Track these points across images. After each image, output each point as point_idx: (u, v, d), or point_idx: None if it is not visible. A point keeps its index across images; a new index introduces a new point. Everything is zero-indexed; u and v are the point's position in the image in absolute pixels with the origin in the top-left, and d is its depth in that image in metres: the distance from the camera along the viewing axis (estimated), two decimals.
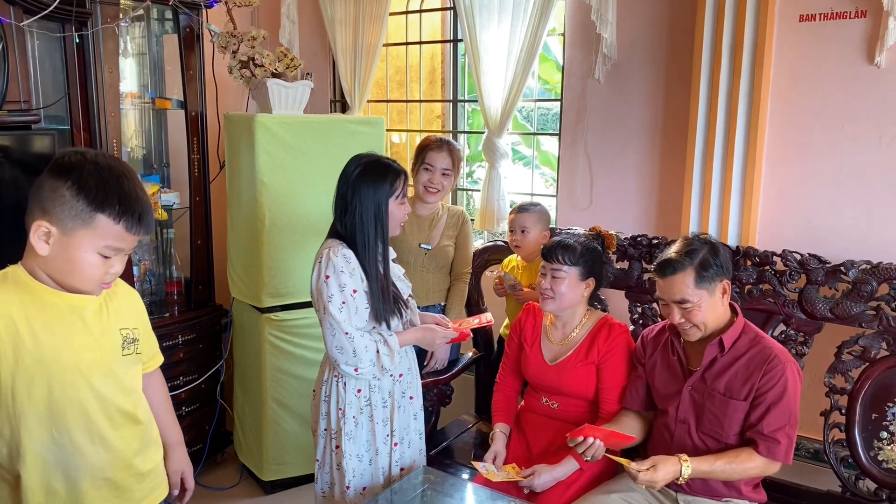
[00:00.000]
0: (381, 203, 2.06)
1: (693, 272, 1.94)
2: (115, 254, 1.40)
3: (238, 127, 3.04)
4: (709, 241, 2.00)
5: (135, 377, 1.57)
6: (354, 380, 2.10)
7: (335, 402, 2.13)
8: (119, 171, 1.38)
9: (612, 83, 2.87)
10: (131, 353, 1.53)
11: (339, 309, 2.00)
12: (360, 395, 2.12)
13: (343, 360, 2.02)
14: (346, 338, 2.00)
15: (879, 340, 2.25)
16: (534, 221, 2.63)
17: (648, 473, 1.86)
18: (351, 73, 3.54)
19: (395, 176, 2.08)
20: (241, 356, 3.27)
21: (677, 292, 1.96)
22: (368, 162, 2.10)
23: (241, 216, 3.10)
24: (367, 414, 2.13)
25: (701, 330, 1.99)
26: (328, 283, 2.01)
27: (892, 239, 2.38)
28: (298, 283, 3.05)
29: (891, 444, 2.23)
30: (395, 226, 2.13)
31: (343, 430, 2.11)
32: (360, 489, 2.15)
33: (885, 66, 2.33)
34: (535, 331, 2.41)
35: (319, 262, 2.06)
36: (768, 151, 2.55)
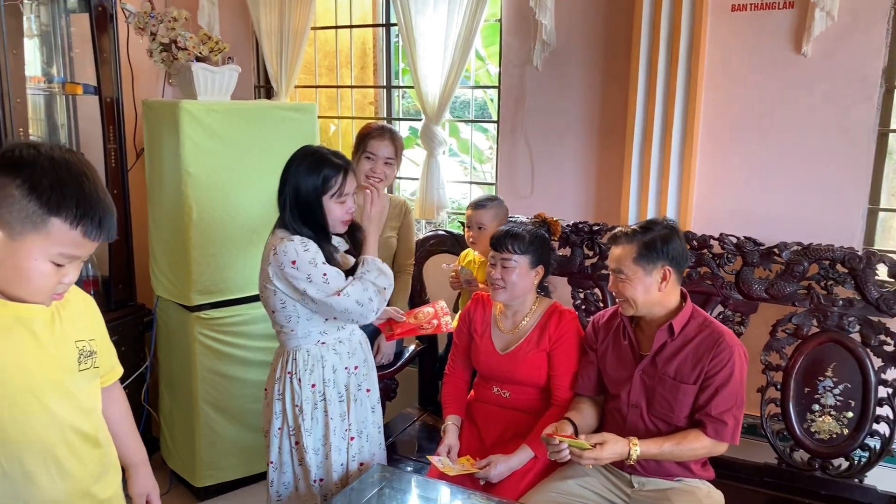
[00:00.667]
0: (311, 201, 1.98)
1: (636, 248, 1.98)
2: (70, 262, 1.24)
3: (159, 114, 2.85)
4: (670, 227, 2.02)
5: (93, 394, 1.42)
6: (310, 374, 2.06)
7: (290, 400, 2.08)
8: (78, 169, 1.22)
9: (551, 70, 2.87)
10: (89, 367, 1.38)
11: (325, 281, 1.94)
12: (315, 390, 2.08)
13: (356, 318, 2.01)
14: (342, 298, 1.95)
15: (811, 318, 2.36)
16: (490, 218, 2.59)
17: (594, 451, 1.88)
18: (277, 58, 3.39)
19: (333, 171, 1.98)
20: (168, 358, 3.09)
21: (615, 261, 2.02)
22: (306, 154, 2.02)
23: (164, 209, 2.91)
24: (322, 409, 2.09)
25: (632, 307, 2.03)
26: (298, 267, 1.93)
27: (821, 221, 2.50)
28: (229, 280, 2.91)
29: (822, 416, 2.34)
30: (336, 224, 2.05)
31: (302, 426, 2.06)
32: (317, 479, 2.12)
33: (812, 56, 2.43)
34: (484, 321, 2.39)
35: (275, 255, 1.96)
36: (702, 138, 2.61)
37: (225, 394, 2.96)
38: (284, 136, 2.95)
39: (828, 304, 2.33)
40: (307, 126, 3.03)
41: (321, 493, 2.13)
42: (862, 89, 2.39)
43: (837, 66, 2.41)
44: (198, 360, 2.89)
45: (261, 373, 3.00)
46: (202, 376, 2.90)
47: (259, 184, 2.90)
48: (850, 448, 2.29)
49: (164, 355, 3.11)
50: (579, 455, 1.89)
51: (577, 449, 1.89)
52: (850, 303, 2.31)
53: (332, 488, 2.11)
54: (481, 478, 2.14)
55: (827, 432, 2.33)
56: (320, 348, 2.08)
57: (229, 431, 2.99)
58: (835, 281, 2.32)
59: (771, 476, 2.40)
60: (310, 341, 2.07)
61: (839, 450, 2.31)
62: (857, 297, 2.30)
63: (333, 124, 4.03)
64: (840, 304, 2.31)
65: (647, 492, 2.06)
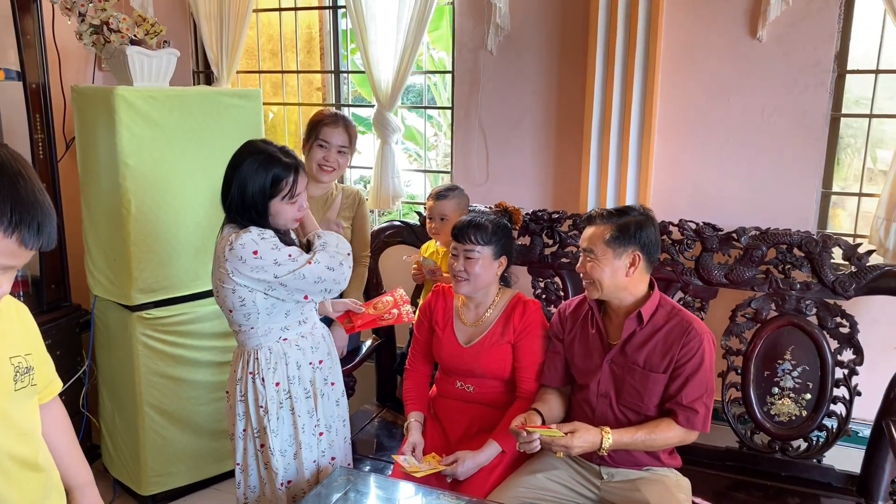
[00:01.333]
0: (258, 202, 1.88)
1: (610, 229, 1.96)
2: (3, 272, 1.10)
3: (91, 101, 2.66)
4: (646, 215, 2.00)
5: (31, 414, 1.28)
6: (273, 373, 1.97)
7: (253, 401, 1.99)
8: (12, 168, 1.07)
9: (506, 55, 2.80)
10: (26, 385, 1.24)
11: (292, 258, 1.87)
12: (280, 389, 2.00)
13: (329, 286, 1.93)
14: (311, 267, 1.88)
15: (769, 302, 2.38)
16: (453, 208, 2.52)
17: (566, 439, 1.85)
18: (217, 41, 3.21)
19: (284, 171, 1.88)
20: (108, 361, 2.91)
21: (588, 240, 2.00)
22: (252, 152, 1.90)
23: (100, 203, 2.73)
24: (288, 407, 2.01)
25: (597, 289, 2.00)
26: (263, 256, 1.85)
27: (776, 205, 2.52)
28: (173, 277, 2.76)
29: (781, 399, 2.37)
30: (288, 223, 1.96)
31: (267, 427, 1.98)
32: (285, 481, 2.04)
33: (767, 41, 2.44)
34: (446, 313, 2.32)
35: (232, 250, 1.85)
36: (660, 124, 2.60)
37: (171, 396, 2.81)
38: (228, 124, 2.81)
39: (786, 288, 2.35)
40: (252, 113, 2.89)
41: (289, 495, 2.05)
42: (815, 74, 2.41)
43: (792, 50, 2.42)
44: (140, 362, 2.73)
45: (208, 373, 2.87)
46: (146, 379, 2.75)
47: (202, 174, 2.76)
48: (808, 429, 2.33)
49: (103, 358, 2.93)
50: (549, 443, 1.85)
51: (549, 437, 1.85)
52: (807, 286, 2.33)
53: (305, 486, 2.04)
54: (448, 475, 2.08)
55: (786, 415, 2.36)
56: (282, 345, 2.00)
57: (176, 436, 2.85)
58: (792, 265, 2.34)
59: (732, 460, 2.42)
60: (271, 338, 1.99)
61: (798, 431, 2.35)
62: (814, 281, 2.32)
63: (272, 111, 3.87)
64: (797, 288, 2.34)
65: (617, 483, 2.04)
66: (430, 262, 2.55)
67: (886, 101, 2.52)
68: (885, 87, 2.49)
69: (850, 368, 2.30)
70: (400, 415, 2.79)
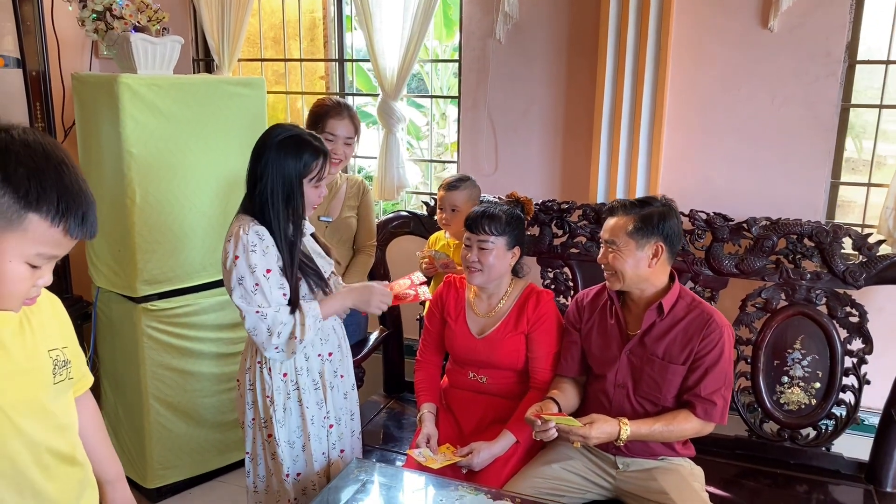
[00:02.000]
0: (293, 182, 1.86)
1: (633, 220, 1.95)
2: (48, 262, 1.08)
3: (93, 89, 2.61)
4: (668, 206, 2.00)
5: (69, 408, 1.26)
6: (279, 363, 1.95)
7: (261, 390, 1.97)
8: (57, 156, 1.04)
9: (514, 44, 2.78)
10: (64, 378, 1.22)
11: (253, 291, 1.83)
12: (287, 380, 1.97)
13: (260, 342, 1.86)
14: (258, 316, 1.83)
15: (779, 292, 2.39)
16: (464, 199, 2.50)
17: (585, 429, 1.84)
18: (218, 29, 3.16)
19: (314, 156, 1.88)
20: (111, 353, 2.88)
21: (610, 231, 1.99)
22: (288, 136, 1.88)
23: (103, 193, 2.67)
24: (296, 398, 1.99)
25: (619, 280, 2.00)
26: (238, 264, 1.83)
27: (786, 195, 2.53)
28: (178, 268, 2.73)
29: (791, 388, 2.39)
30: (308, 208, 1.94)
31: (273, 417, 1.96)
32: (294, 475, 2.02)
33: (778, 31, 2.44)
34: (458, 304, 2.31)
35: (229, 242, 1.86)
36: (670, 114, 2.59)
37: (176, 389, 2.78)
38: (232, 113, 2.78)
39: (796, 278, 2.36)
40: (256, 102, 2.85)
41: (298, 487, 2.03)
42: (826, 64, 2.42)
43: (803, 41, 2.42)
44: (145, 355, 2.70)
45: (214, 365, 2.84)
46: (151, 371, 2.72)
47: (207, 163, 2.72)
48: (817, 418, 2.35)
49: (106, 350, 2.90)
50: (568, 432, 1.84)
51: (567, 426, 1.84)
52: (817, 276, 2.34)
53: (315, 479, 2.02)
54: (464, 466, 2.07)
55: (796, 403, 2.38)
56: None
57: (182, 428, 2.82)
58: (802, 255, 2.36)
59: (742, 448, 2.43)
60: None
61: (807, 420, 2.36)
62: (824, 271, 2.34)
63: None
64: (808, 278, 2.35)
65: (632, 472, 2.04)
66: (443, 255, 2.54)
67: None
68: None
69: (860, 357, 2.32)
70: (408, 406, 2.79)
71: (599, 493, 2.08)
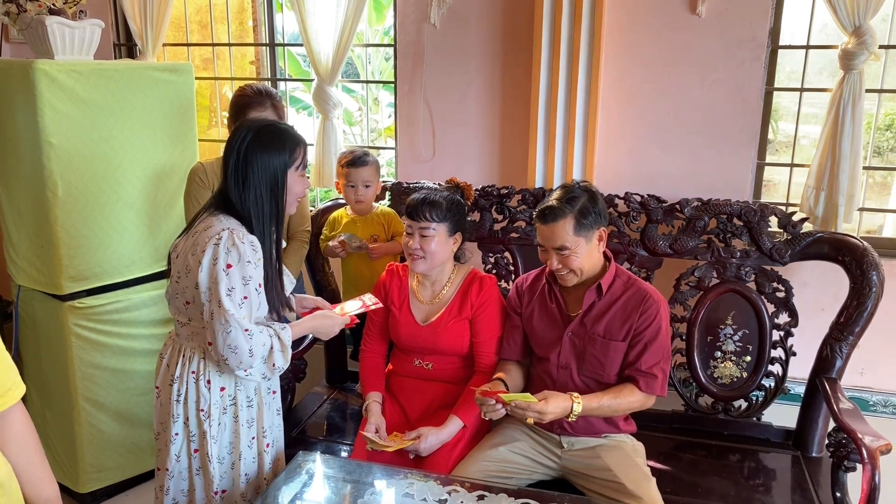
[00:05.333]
0: (278, 174, 1.79)
1: (573, 220, 1.96)
2: None
3: (5, 76, 2.47)
4: (588, 189, 2.02)
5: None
6: (219, 377, 1.85)
7: (195, 403, 1.85)
8: None
9: (450, 28, 2.77)
10: None
11: (240, 304, 1.74)
12: (225, 394, 1.87)
13: (235, 361, 1.75)
14: (245, 335, 1.73)
15: (711, 270, 2.48)
16: (374, 173, 2.50)
17: (540, 405, 1.85)
18: (140, 12, 3.03)
19: (295, 143, 1.83)
20: (36, 354, 2.74)
21: (557, 238, 1.98)
22: (262, 127, 1.81)
23: (21, 186, 2.54)
24: (232, 414, 1.89)
25: (577, 276, 2.02)
26: (229, 274, 1.72)
27: (715, 176, 2.61)
28: (106, 263, 2.62)
29: (724, 362, 2.48)
30: (292, 201, 1.88)
31: (208, 432, 1.85)
32: (221, 493, 1.92)
33: (706, 16, 2.50)
34: (401, 292, 2.30)
35: (217, 245, 1.72)
36: (604, 98, 2.64)
37: (108, 388, 2.69)
38: (158, 100, 2.68)
39: (727, 257, 2.45)
40: (184, 88, 2.76)
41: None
42: (751, 49, 2.50)
43: (729, 26, 2.50)
44: (74, 354, 2.59)
45: (148, 363, 2.74)
46: (80, 371, 2.61)
47: (133, 154, 2.62)
48: (749, 389, 2.45)
49: (30, 351, 2.76)
50: (525, 408, 1.85)
51: (525, 402, 1.85)
52: (746, 254, 2.44)
53: (238, 499, 1.92)
54: (411, 451, 2.07)
55: (728, 377, 2.48)
56: None
57: (114, 429, 2.73)
58: (732, 234, 2.44)
59: (679, 422, 2.52)
60: None
61: (739, 392, 2.46)
62: (753, 249, 2.43)
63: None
64: (737, 256, 2.44)
65: (577, 451, 2.08)
66: (356, 238, 2.51)
67: (815, 76, 2.65)
68: (813, 63, 2.61)
69: (786, 330, 2.43)
70: (352, 396, 2.76)
71: (546, 474, 2.11)
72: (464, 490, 1.78)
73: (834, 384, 2.24)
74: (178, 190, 2.65)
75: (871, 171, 2.86)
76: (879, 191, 4.37)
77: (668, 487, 2.10)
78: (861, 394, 2.64)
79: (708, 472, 2.27)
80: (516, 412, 1.88)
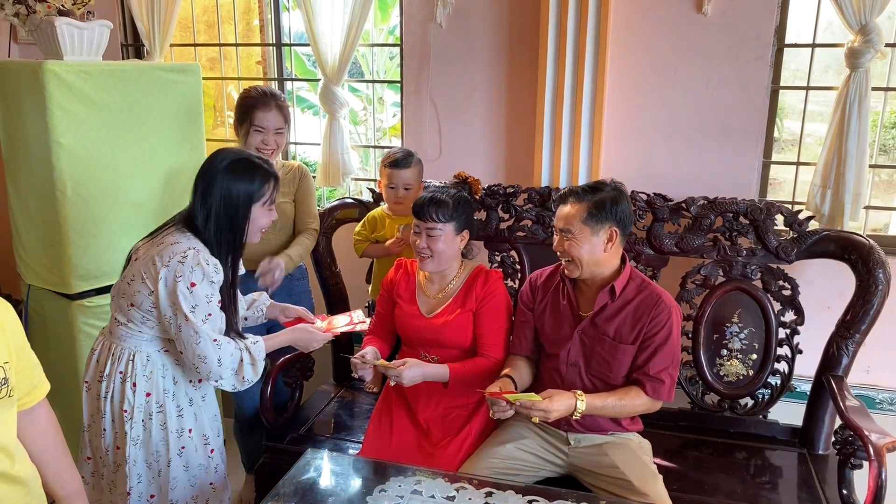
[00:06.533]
0: (239, 205, 1.84)
1: (585, 207, 1.98)
2: None
3: (15, 77, 2.48)
4: (617, 189, 2.02)
5: (7, 426, 1.19)
6: (146, 381, 1.87)
7: (119, 402, 1.88)
8: None
9: (455, 28, 2.77)
10: (3, 396, 1.15)
11: (204, 320, 1.79)
12: (150, 400, 1.89)
13: (205, 370, 1.81)
14: (214, 345, 1.79)
15: (717, 268, 2.48)
16: (416, 176, 2.49)
17: (545, 403, 1.86)
18: (148, 12, 3.04)
19: (265, 178, 1.87)
20: (45, 353, 2.68)
21: (564, 220, 2.01)
22: (237, 159, 1.86)
23: (30, 186, 2.56)
24: (159, 422, 1.90)
25: (577, 267, 2.03)
26: (193, 292, 1.78)
27: (721, 175, 2.61)
28: (114, 262, 2.62)
29: (730, 360, 2.49)
30: (255, 232, 1.92)
31: (129, 433, 1.87)
32: (146, 496, 1.93)
33: (712, 15, 2.51)
34: (409, 287, 2.31)
35: (181, 263, 1.77)
36: (609, 97, 2.64)
37: None
38: (167, 100, 2.69)
39: (732, 255, 2.45)
40: (192, 88, 2.77)
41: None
42: (757, 48, 2.50)
43: (735, 25, 2.50)
44: (83, 353, 2.60)
45: None
46: None
47: (141, 153, 2.64)
48: (755, 387, 2.46)
49: (39, 350, 2.67)
50: (529, 407, 1.85)
51: (530, 402, 1.85)
52: (752, 252, 2.44)
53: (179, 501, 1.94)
54: (393, 378, 2.07)
55: (734, 375, 2.48)
56: (163, 356, 1.91)
57: None
58: (738, 232, 2.45)
59: (685, 420, 2.53)
60: (153, 346, 1.89)
61: (745, 390, 2.47)
62: (759, 247, 2.44)
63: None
64: (743, 254, 2.45)
65: (584, 448, 2.09)
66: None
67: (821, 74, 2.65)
68: (819, 61, 2.61)
69: (792, 328, 2.44)
70: (359, 393, 2.78)
71: (553, 471, 2.12)
72: (472, 487, 1.79)
73: (840, 382, 2.25)
74: (186, 190, 2.62)
75: (878, 170, 2.85)
76: (885, 189, 4.37)
77: (675, 485, 2.10)
78: (867, 391, 2.64)
79: (714, 470, 2.27)
80: (521, 411, 1.89)
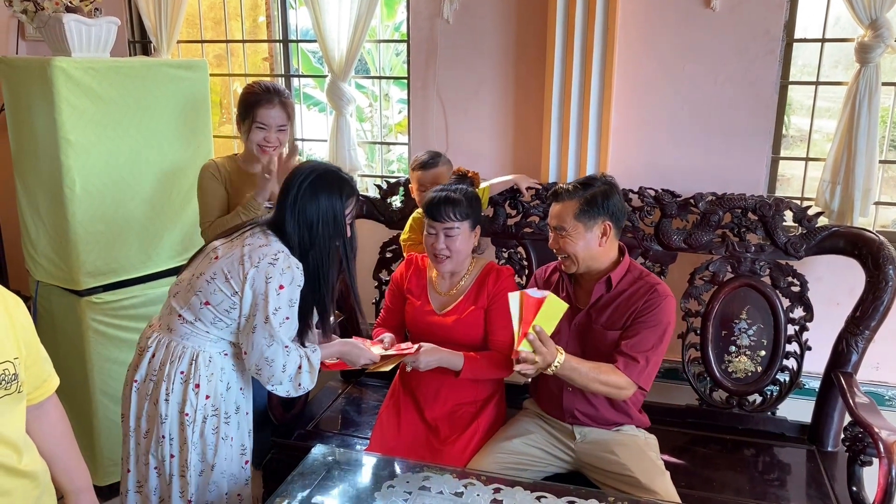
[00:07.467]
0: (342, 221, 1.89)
1: (577, 204, 1.98)
2: None
3: (23, 74, 2.50)
4: (608, 183, 2.03)
5: (15, 421, 1.19)
6: (207, 383, 1.85)
7: (178, 403, 1.84)
8: None
9: (462, 24, 2.77)
10: (11, 392, 1.15)
11: (281, 323, 1.80)
12: (208, 403, 1.87)
13: (268, 373, 1.81)
14: (284, 351, 1.80)
15: (726, 264, 2.47)
16: (445, 174, 2.49)
17: (530, 354, 1.84)
18: (155, 9, 3.05)
19: (351, 192, 1.93)
20: (54, 349, 2.66)
21: (557, 218, 2.02)
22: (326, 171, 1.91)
23: (39, 183, 2.57)
24: (213, 425, 1.88)
25: (574, 263, 2.03)
26: (280, 294, 1.78)
27: (730, 170, 2.60)
28: (123, 259, 2.65)
29: (738, 357, 2.48)
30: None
31: (189, 438, 1.84)
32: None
33: (720, 10, 2.49)
34: (419, 284, 2.31)
35: (272, 265, 1.77)
36: (617, 93, 2.63)
37: (122, 382, 2.69)
38: (174, 97, 2.71)
39: (741, 251, 2.44)
40: (199, 85, 2.78)
41: None
42: (765, 43, 2.49)
43: (744, 20, 2.49)
44: (91, 349, 2.62)
45: None
46: (98, 366, 2.64)
47: (149, 150, 2.65)
48: (763, 384, 2.45)
49: (48, 346, 2.68)
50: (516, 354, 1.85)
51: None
52: (760, 248, 2.43)
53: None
54: (409, 363, 2.08)
55: (743, 371, 2.48)
56: (223, 359, 1.90)
57: None
58: (747, 228, 2.44)
59: (693, 416, 2.52)
60: (216, 348, 1.88)
61: (754, 386, 2.46)
62: (767, 243, 2.43)
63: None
64: (752, 250, 2.43)
65: (590, 443, 2.08)
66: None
67: (830, 69, 2.63)
68: (828, 55, 2.59)
69: (801, 325, 2.42)
70: (367, 389, 2.78)
71: (561, 467, 2.12)
72: (480, 483, 1.79)
73: (849, 378, 2.24)
74: (194, 186, 2.65)
75: (887, 165, 2.83)
76: (895, 185, 4.34)
77: (683, 481, 2.10)
78: (877, 388, 2.63)
79: (722, 467, 2.27)
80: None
